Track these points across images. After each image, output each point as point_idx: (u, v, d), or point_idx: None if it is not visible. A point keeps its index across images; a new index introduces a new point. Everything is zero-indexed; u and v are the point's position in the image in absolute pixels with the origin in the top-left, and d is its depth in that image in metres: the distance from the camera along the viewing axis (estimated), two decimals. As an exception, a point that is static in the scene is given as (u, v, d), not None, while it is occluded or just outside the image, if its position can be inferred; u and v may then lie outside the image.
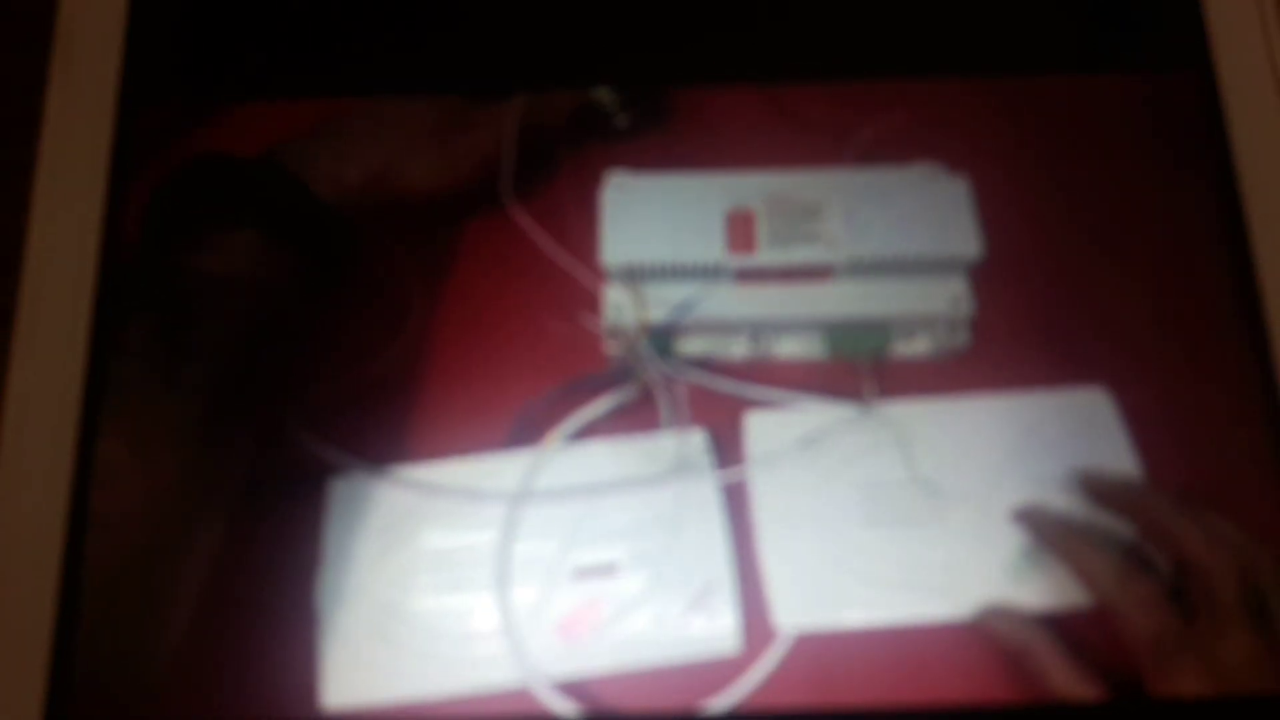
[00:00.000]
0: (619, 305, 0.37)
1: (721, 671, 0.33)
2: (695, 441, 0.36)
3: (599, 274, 0.38)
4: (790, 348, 0.38)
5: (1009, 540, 0.35)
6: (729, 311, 0.37)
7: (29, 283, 0.36)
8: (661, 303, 0.37)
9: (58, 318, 0.36)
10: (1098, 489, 0.35)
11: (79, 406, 0.35)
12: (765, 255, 0.37)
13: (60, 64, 0.39)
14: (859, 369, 0.37)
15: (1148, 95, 0.40)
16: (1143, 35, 0.41)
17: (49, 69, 0.39)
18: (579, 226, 0.38)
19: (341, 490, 0.36)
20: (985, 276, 0.38)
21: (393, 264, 0.39)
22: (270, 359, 0.37)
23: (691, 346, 0.38)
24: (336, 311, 0.38)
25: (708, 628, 0.34)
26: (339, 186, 0.37)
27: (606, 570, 0.35)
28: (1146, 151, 0.40)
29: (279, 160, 0.37)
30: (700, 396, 0.37)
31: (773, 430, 0.37)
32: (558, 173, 0.40)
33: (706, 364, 0.38)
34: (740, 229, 0.37)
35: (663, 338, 0.37)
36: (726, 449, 0.36)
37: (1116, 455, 0.36)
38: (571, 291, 0.38)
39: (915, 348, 0.38)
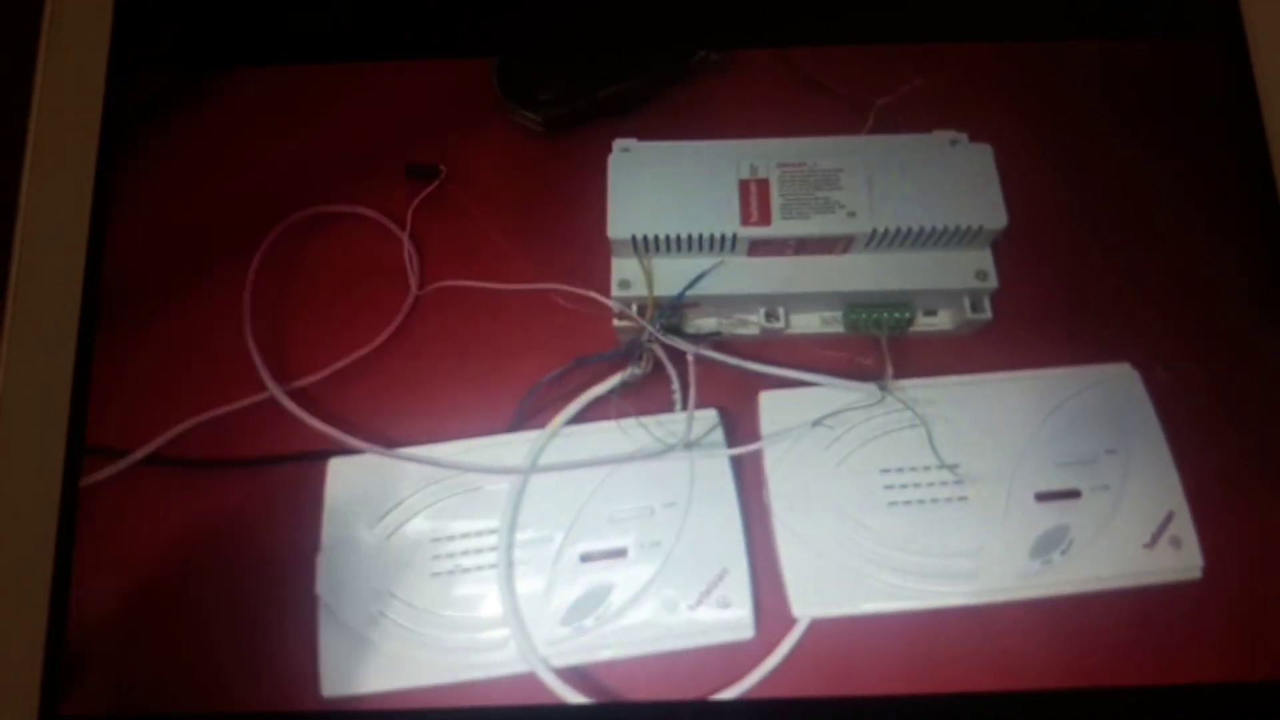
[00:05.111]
0: (627, 280, 0.36)
1: (735, 658, 0.33)
2: (707, 421, 0.35)
3: (606, 247, 0.36)
4: (806, 323, 0.37)
5: (1032, 523, 0.34)
6: (742, 286, 0.36)
7: (21, 256, 0.36)
8: (671, 276, 0.36)
9: (50, 291, 0.36)
10: None
11: (71, 381, 0.35)
12: (780, 226, 0.35)
13: (49, 37, 0.38)
14: (878, 346, 0.36)
15: (1174, 61, 0.39)
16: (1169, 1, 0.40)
17: (38, 42, 0.38)
18: (586, 198, 0.37)
19: (344, 471, 0.35)
20: (1006, 249, 0.36)
21: (395, 239, 0.38)
22: None
23: (703, 323, 0.36)
24: (338, 288, 0.37)
25: (720, 614, 0.33)
26: None
27: (616, 555, 0.34)
28: (1173, 119, 0.39)
29: None
30: (712, 374, 0.36)
31: (788, 410, 0.35)
32: (570, 142, 0.38)
33: (718, 341, 0.36)
34: (754, 198, 0.36)
35: (673, 314, 0.36)
36: (740, 429, 0.35)
37: (1145, 433, 0.35)
38: (579, 266, 0.37)
39: (937, 323, 0.36)
